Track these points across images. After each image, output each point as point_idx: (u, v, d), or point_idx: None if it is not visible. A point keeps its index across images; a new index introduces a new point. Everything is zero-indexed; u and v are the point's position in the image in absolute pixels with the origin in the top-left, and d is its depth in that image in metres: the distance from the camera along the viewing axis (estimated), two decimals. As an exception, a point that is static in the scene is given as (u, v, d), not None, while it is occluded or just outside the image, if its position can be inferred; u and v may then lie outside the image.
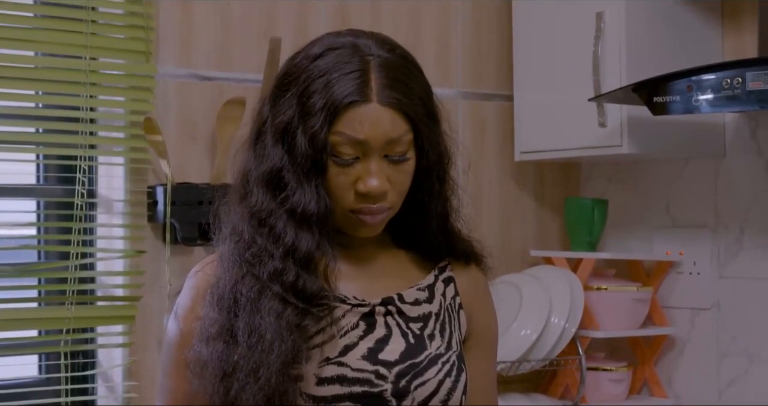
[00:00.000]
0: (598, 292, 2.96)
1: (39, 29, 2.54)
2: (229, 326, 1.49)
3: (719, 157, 2.93)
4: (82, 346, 2.58)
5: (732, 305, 2.91)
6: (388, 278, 1.60)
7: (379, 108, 1.49)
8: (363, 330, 1.54)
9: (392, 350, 1.53)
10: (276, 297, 1.49)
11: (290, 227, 1.50)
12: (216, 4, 2.74)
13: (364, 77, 1.49)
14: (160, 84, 2.65)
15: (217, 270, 1.55)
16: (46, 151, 2.60)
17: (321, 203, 1.50)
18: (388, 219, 1.56)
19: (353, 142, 1.48)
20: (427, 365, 1.53)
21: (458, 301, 1.64)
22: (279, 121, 1.52)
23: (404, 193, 1.55)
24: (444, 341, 1.57)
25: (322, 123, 1.47)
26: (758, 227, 2.86)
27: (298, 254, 1.50)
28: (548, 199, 3.27)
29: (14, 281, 2.54)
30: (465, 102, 3.13)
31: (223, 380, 1.48)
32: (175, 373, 1.57)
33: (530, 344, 2.82)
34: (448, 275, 1.65)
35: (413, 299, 1.58)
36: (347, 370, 1.50)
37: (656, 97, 2.54)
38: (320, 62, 1.51)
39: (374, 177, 1.49)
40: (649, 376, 3.06)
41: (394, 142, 1.50)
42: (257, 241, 1.51)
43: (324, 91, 1.48)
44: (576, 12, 2.87)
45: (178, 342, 1.57)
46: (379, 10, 2.99)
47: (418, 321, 1.57)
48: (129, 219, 2.62)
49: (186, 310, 1.58)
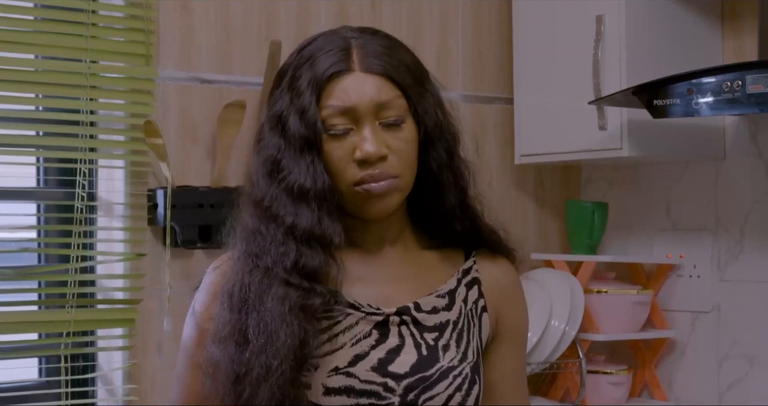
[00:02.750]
0: (599, 295, 2.96)
1: (39, 32, 2.54)
2: (240, 325, 1.49)
3: (719, 160, 2.93)
4: (82, 349, 2.58)
5: (732, 308, 2.91)
6: (407, 284, 1.58)
7: (362, 75, 1.51)
8: (375, 339, 1.52)
9: (403, 361, 1.52)
10: (281, 283, 1.49)
11: (288, 206, 1.50)
12: (216, 7, 2.75)
13: (345, 52, 1.52)
14: (160, 87, 2.65)
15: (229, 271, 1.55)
16: (47, 154, 2.60)
17: (318, 179, 1.49)
18: (400, 194, 1.54)
19: (342, 112, 1.50)
20: (438, 379, 1.51)
21: (481, 304, 1.61)
22: (272, 112, 1.54)
23: (409, 164, 1.54)
24: (459, 351, 1.55)
25: (309, 99, 1.49)
26: (758, 229, 2.86)
27: (297, 232, 1.49)
28: (548, 202, 3.27)
29: (14, 284, 2.54)
30: (465, 105, 3.13)
31: (235, 384, 1.47)
32: (192, 369, 1.57)
33: (530, 347, 2.82)
34: (473, 277, 1.62)
35: (431, 307, 1.56)
36: (355, 381, 1.49)
37: (656, 100, 2.54)
38: (304, 51, 1.54)
39: (368, 141, 1.49)
40: (649, 379, 3.06)
41: (384, 107, 1.51)
42: (261, 230, 1.52)
43: (309, 71, 1.51)
44: (576, 15, 2.87)
45: (196, 337, 1.57)
46: (380, 13, 2.99)
47: (434, 331, 1.55)
48: (129, 222, 2.62)
49: (203, 306, 1.58)
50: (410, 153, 1.54)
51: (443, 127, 1.59)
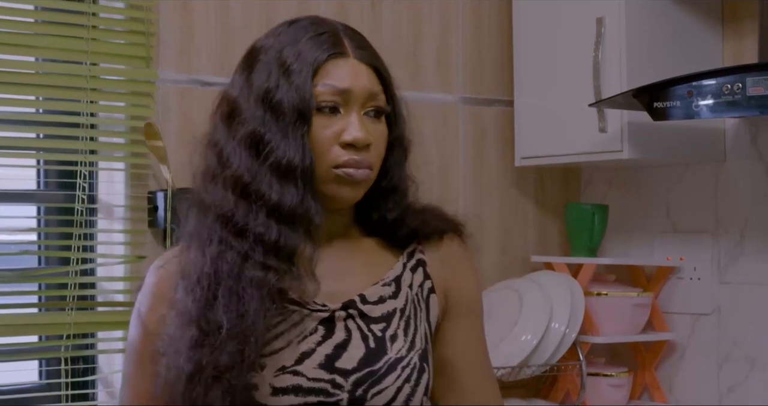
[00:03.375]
0: (599, 297, 2.96)
1: (39, 35, 2.54)
2: (206, 310, 1.46)
3: (719, 163, 2.93)
4: (82, 351, 2.58)
5: (732, 310, 2.91)
6: (355, 276, 1.57)
7: (357, 63, 1.53)
8: (321, 335, 1.51)
9: (350, 356, 1.51)
10: (257, 265, 1.46)
11: (274, 182, 1.48)
12: (216, 9, 2.75)
13: (337, 37, 1.53)
14: (160, 89, 2.66)
15: (188, 257, 1.51)
16: (47, 156, 2.60)
17: (306, 156, 1.48)
18: (367, 186, 1.54)
19: (337, 92, 1.50)
20: (386, 372, 1.51)
21: (428, 286, 1.61)
22: (256, 87, 1.52)
23: (380, 159, 1.55)
24: (407, 340, 1.55)
25: (306, 75, 1.49)
26: (759, 232, 2.86)
27: (282, 210, 1.47)
28: (549, 204, 3.27)
29: (14, 287, 2.54)
30: (465, 107, 3.13)
31: (190, 379, 1.45)
32: (139, 371, 1.56)
33: (531, 350, 2.82)
34: (417, 259, 1.62)
35: (377, 298, 1.56)
36: (303, 380, 1.48)
37: (656, 102, 2.54)
38: (285, 36, 1.54)
39: (357, 126, 1.50)
40: (649, 381, 3.06)
41: (373, 97, 1.53)
42: (239, 209, 1.48)
43: (301, 52, 1.51)
44: (576, 17, 2.87)
45: (142, 339, 1.56)
46: (380, 14, 2.99)
47: (381, 321, 1.55)
48: (129, 224, 2.62)
49: (148, 308, 1.57)
50: (383, 148, 1.56)
51: (404, 134, 1.60)
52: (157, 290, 1.56)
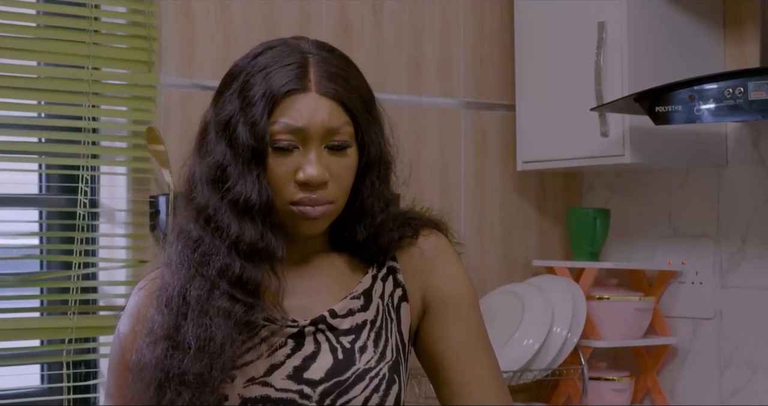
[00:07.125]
0: (600, 301, 2.96)
1: (42, 39, 2.55)
2: (175, 330, 1.48)
3: (721, 167, 2.93)
4: (84, 356, 2.58)
5: (734, 314, 2.91)
6: (325, 291, 1.57)
7: (317, 98, 1.49)
8: (291, 348, 1.52)
9: (318, 367, 1.51)
10: (224, 295, 1.48)
11: (233, 219, 1.49)
12: (217, 13, 2.75)
13: (303, 69, 1.50)
14: (162, 94, 2.66)
15: (164, 277, 1.53)
16: (49, 160, 2.60)
17: (263, 193, 1.48)
18: (332, 217, 1.54)
19: (292, 131, 1.48)
20: (354, 382, 1.51)
21: (398, 294, 1.60)
22: (220, 117, 1.52)
23: (346, 190, 1.53)
24: (377, 351, 1.54)
25: (262, 112, 1.48)
26: (760, 236, 2.86)
27: (242, 246, 1.48)
28: (550, 208, 3.27)
29: (16, 291, 2.54)
30: (467, 112, 3.13)
31: (159, 388, 1.47)
32: (119, 390, 1.57)
33: (532, 354, 2.82)
34: (389, 267, 1.61)
35: (346, 311, 1.56)
36: (271, 390, 1.49)
37: (658, 106, 2.54)
38: (259, 59, 1.54)
39: (313, 165, 1.48)
40: (651, 386, 3.05)
41: (333, 132, 1.50)
42: (205, 239, 1.50)
43: (263, 82, 1.50)
44: (578, 22, 2.87)
45: (120, 360, 1.58)
46: (381, 21, 2.99)
47: (350, 333, 1.54)
48: (131, 229, 2.62)
49: (126, 329, 1.58)
50: (349, 179, 1.53)
51: (381, 156, 1.57)
52: (136, 311, 1.58)
